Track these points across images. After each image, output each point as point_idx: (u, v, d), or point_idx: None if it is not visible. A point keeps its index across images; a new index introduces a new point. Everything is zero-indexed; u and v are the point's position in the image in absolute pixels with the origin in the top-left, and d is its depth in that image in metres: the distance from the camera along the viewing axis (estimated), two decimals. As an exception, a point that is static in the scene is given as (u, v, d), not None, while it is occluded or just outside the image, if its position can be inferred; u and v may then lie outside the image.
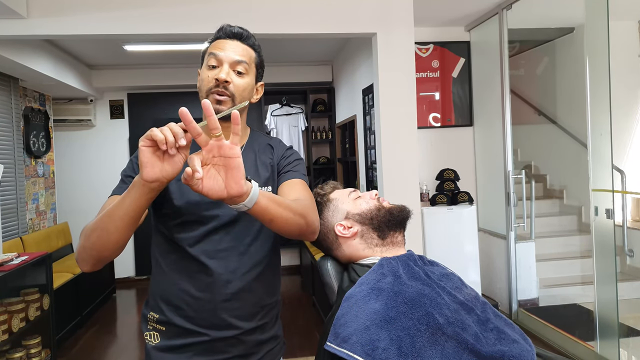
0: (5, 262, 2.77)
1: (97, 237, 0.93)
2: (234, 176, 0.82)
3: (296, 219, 0.99)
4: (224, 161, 0.82)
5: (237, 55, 1.12)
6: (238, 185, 0.83)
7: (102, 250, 0.94)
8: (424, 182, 3.99)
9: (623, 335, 2.96)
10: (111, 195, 1.09)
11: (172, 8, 2.83)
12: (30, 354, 2.89)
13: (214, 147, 0.82)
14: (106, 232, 0.92)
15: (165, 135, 0.81)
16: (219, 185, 0.82)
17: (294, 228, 1.00)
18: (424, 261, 1.21)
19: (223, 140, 0.82)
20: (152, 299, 1.17)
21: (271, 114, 5.46)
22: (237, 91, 1.11)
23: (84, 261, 0.97)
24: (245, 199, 0.86)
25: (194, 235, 1.10)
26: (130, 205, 0.89)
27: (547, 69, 4.79)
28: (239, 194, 0.84)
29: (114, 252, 0.96)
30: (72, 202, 5.27)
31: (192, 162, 0.80)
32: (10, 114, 4.08)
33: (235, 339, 1.12)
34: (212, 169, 0.83)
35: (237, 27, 1.16)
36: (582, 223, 4.40)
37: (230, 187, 0.83)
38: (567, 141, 4.46)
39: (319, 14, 2.97)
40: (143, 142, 0.83)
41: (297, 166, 1.22)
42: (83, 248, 0.96)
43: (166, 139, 0.81)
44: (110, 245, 0.93)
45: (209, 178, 0.82)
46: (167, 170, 0.84)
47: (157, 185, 0.86)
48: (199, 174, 0.79)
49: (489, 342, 1.01)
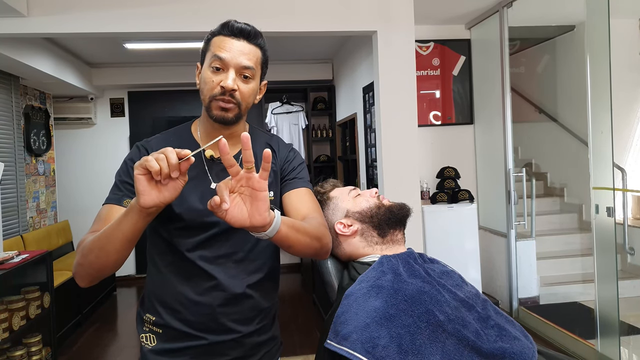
0: (6, 260, 2.77)
1: (95, 257, 0.92)
2: (259, 208, 0.82)
3: (313, 244, 1.00)
4: (250, 192, 0.82)
5: (245, 60, 1.05)
6: (262, 217, 0.82)
7: (101, 269, 0.93)
8: (424, 180, 3.99)
9: (624, 334, 2.96)
10: (106, 203, 1.06)
11: (172, 6, 2.83)
12: (30, 352, 2.89)
13: (243, 177, 0.81)
14: (105, 253, 0.91)
15: (160, 166, 0.80)
16: (243, 214, 0.82)
17: (311, 251, 1.01)
18: (424, 259, 1.21)
19: (253, 173, 0.81)
20: (148, 300, 1.14)
21: (271, 112, 5.45)
22: (244, 98, 1.07)
23: (82, 278, 0.96)
24: (268, 228, 0.85)
25: (194, 241, 1.08)
26: (129, 229, 0.88)
27: (547, 66, 4.79)
28: (262, 225, 0.83)
29: (113, 269, 0.95)
30: (73, 200, 5.28)
31: (220, 191, 0.79)
32: (10, 112, 4.08)
33: (233, 342, 1.11)
34: (238, 197, 0.82)
35: (244, 23, 1.08)
36: (582, 221, 4.40)
37: (253, 218, 0.82)
38: (567, 139, 4.46)
39: (320, 12, 2.96)
40: (138, 171, 0.81)
41: (302, 172, 1.20)
42: (81, 266, 0.94)
43: (161, 170, 0.80)
44: (109, 264, 0.93)
45: (234, 207, 0.81)
46: (165, 196, 0.84)
47: (154, 210, 0.85)
48: (227, 205, 0.79)
49: (490, 339, 1.01)
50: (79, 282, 0.97)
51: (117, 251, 0.90)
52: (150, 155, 0.81)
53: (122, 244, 0.89)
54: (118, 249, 0.90)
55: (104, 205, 1.06)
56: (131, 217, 0.86)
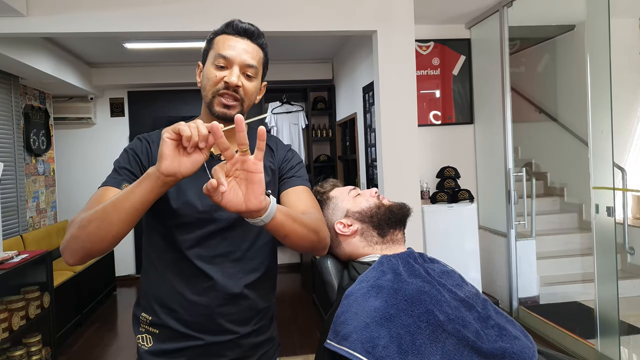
0: (6, 260, 2.77)
1: (95, 228, 0.88)
2: (255, 191, 0.81)
3: (310, 235, 0.99)
4: (246, 175, 0.81)
5: (249, 59, 1.07)
6: (258, 200, 0.82)
7: (98, 242, 0.89)
8: (424, 179, 3.99)
9: (624, 333, 2.96)
10: (103, 186, 1.03)
11: (172, 5, 2.83)
12: (30, 352, 2.89)
13: (238, 160, 0.81)
14: (107, 223, 0.88)
15: (192, 133, 0.81)
16: (239, 198, 0.81)
17: (307, 244, 1.00)
18: (424, 259, 1.21)
19: (248, 155, 0.81)
20: (145, 300, 1.13)
21: (271, 112, 5.45)
22: (247, 95, 1.08)
23: (74, 253, 0.91)
24: (263, 214, 0.85)
25: (191, 238, 1.07)
26: (141, 198, 0.86)
27: (547, 66, 4.78)
28: (257, 209, 0.83)
29: (109, 246, 0.91)
30: (73, 200, 5.27)
31: (217, 174, 0.79)
32: (10, 112, 4.08)
33: (231, 343, 1.10)
34: (233, 181, 0.82)
35: (248, 23, 1.09)
36: (582, 221, 4.40)
37: (249, 202, 0.81)
38: (567, 139, 4.46)
39: (320, 11, 2.96)
40: (169, 134, 0.82)
41: (300, 170, 1.20)
42: (74, 238, 0.90)
43: (191, 137, 0.81)
44: (109, 237, 0.89)
45: (230, 191, 0.81)
46: (186, 166, 0.84)
47: (171, 180, 0.85)
48: (224, 187, 0.78)
49: (490, 339, 1.01)
50: (69, 257, 0.91)
51: (121, 221, 0.88)
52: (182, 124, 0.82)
53: (128, 213, 0.87)
54: (122, 219, 0.87)
55: (99, 188, 1.02)
56: (146, 185, 0.85)
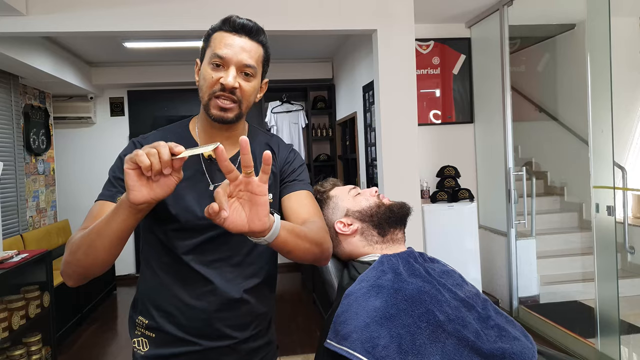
0: (6, 259, 2.77)
1: (83, 255, 0.87)
2: (258, 212, 0.79)
3: (313, 249, 0.97)
4: (249, 197, 0.79)
5: (247, 58, 1.01)
6: (261, 222, 0.79)
7: (89, 267, 0.89)
8: (424, 179, 3.98)
9: (624, 333, 2.96)
10: (99, 200, 1.02)
11: (172, 5, 2.82)
12: (30, 351, 2.89)
13: (242, 182, 0.78)
14: (93, 250, 0.86)
15: (151, 161, 0.76)
16: (242, 219, 0.79)
17: (310, 257, 0.99)
18: (425, 258, 1.21)
19: (253, 177, 0.78)
20: (141, 302, 1.10)
21: (271, 111, 5.45)
22: (245, 96, 1.03)
23: (69, 277, 0.92)
24: (267, 234, 0.82)
25: (190, 243, 1.04)
26: (118, 227, 0.83)
27: (548, 65, 4.78)
28: (261, 230, 0.80)
29: (101, 269, 0.90)
30: (73, 199, 5.27)
31: (218, 197, 0.76)
32: (10, 112, 4.08)
33: (228, 348, 1.08)
34: (236, 202, 0.79)
35: (246, 19, 1.04)
36: (582, 220, 4.40)
37: (252, 223, 0.79)
38: (568, 138, 4.45)
39: (319, 10, 2.96)
40: (127, 165, 0.77)
41: (302, 174, 1.17)
42: (68, 264, 0.90)
43: (152, 166, 0.76)
44: (98, 262, 0.88)
45: (232, 212, 0.78)
46: (156, 193, 0.80)
47: (145, 207, 0.81)
48: (226, 213, 0.75)
49: (490, 339, 1.00)
50: (67, 281, 0.92)
51: (105, 249, 0.86)
52: (142, 149, 0.77)
53: (111, 241, 0.85)
54: (107, 247, 0.86)
55: (96, 202, 1.02)
56: (121, 213, 0.82)
